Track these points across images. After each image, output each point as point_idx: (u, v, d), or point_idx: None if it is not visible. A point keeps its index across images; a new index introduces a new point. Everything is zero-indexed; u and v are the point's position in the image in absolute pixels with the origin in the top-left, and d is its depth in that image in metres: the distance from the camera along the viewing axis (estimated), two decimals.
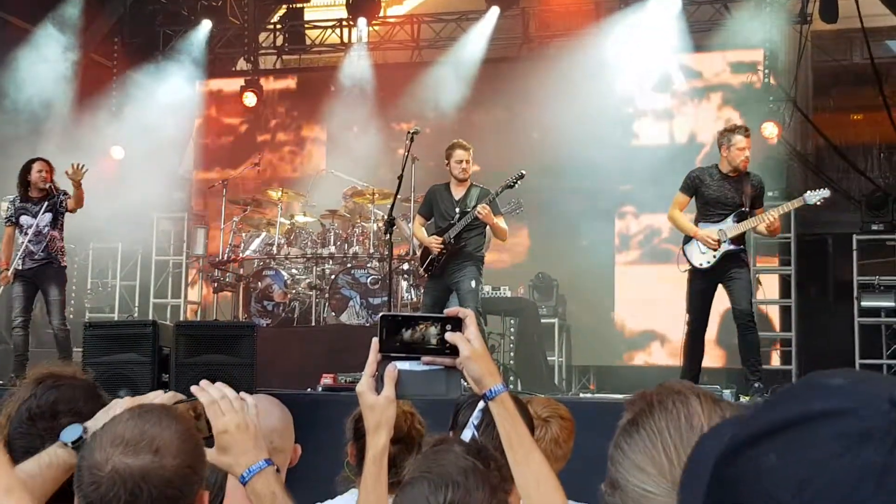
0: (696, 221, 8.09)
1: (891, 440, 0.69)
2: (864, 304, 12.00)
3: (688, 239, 8.01)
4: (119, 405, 2.16)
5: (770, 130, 12.70)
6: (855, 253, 12.41)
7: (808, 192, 8.06)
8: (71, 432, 2.16)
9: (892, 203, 12.85)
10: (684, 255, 8.04)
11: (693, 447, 0.90)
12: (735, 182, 7.93)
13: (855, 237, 12.50)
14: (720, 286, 8.01)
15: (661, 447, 1.38)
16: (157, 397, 2.23)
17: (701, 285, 8.02)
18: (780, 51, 13.65)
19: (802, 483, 0.71)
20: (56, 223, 9.44)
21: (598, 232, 13.87)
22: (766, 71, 12.99)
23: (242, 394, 2.22)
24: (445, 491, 1.98)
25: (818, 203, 8.01)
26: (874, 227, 12.52)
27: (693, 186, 8.01)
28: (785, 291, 13.10)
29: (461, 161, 8.52)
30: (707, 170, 8.11)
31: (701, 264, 7.91)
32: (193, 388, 2.20)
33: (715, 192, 7.91)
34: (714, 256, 7.87)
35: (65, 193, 9.42)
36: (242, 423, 2.14)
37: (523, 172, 8.80)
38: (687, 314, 8.19)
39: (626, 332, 13.87)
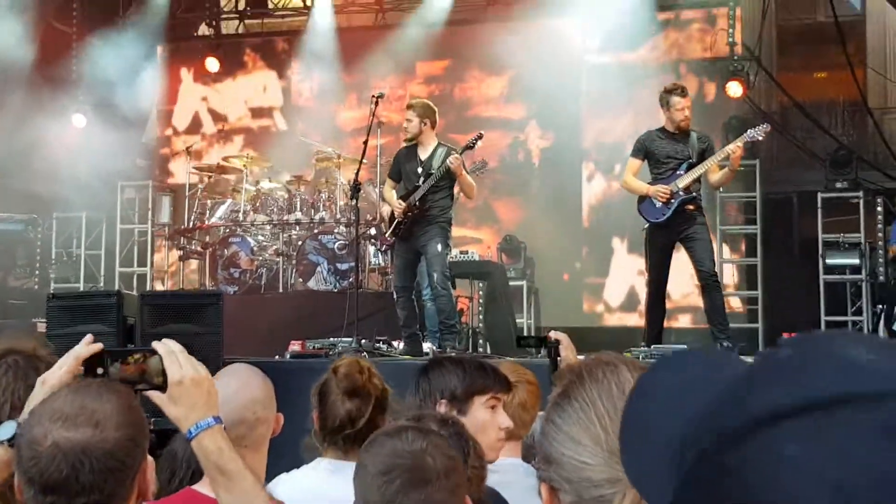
0: (651, 183, 8.14)
1: None
2: (828, 261, 12.09)
3: (642, 198, 8.06)
4: (38, 391, 2.13)
5: (735, 89, 12.72)
6: (819, 211, 12.48)
7: (749, 129, 8.15)
8: (5, 430, 2.08)
9: (855, 161, 12.93)
10: (640, 213, 8.12)
11: (630, 407, 0.80)
12: (682, 137, 8.05)
13: (819, 195, 12.58)
14: (682, 248, 8.07)
15: (594, 417, 1.36)
16: (65, 364, 2.18)
17: (660, 241, 8.09)
18: (745, 9, 13.65)
19: (839, 484, 0.61)
20: None
21: (567, 192, 13.91)
22: (731, 30, 12.98)
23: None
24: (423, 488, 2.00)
25: (760, 137, 8.08)
26: (838, 185, 12.59)
27: (643, 149, 8.11)
28: (751, 250, 13.18)
29: (409, 120, 8.45)
30: (654, 132, 8.23)
31: (657, 218, 7.98)
32: (155, 342, 2.19)
33: (665, 148, 8.04)
34: (669, 209, 7.91)
35: None
36: (197, 377, 2.14)
37: (482, 133, 8.81)
38: (647, 273, 8.27)
39: (595, 295, 13.94)
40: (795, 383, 0.66)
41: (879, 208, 12.32)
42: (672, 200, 7.89)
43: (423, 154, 8.44)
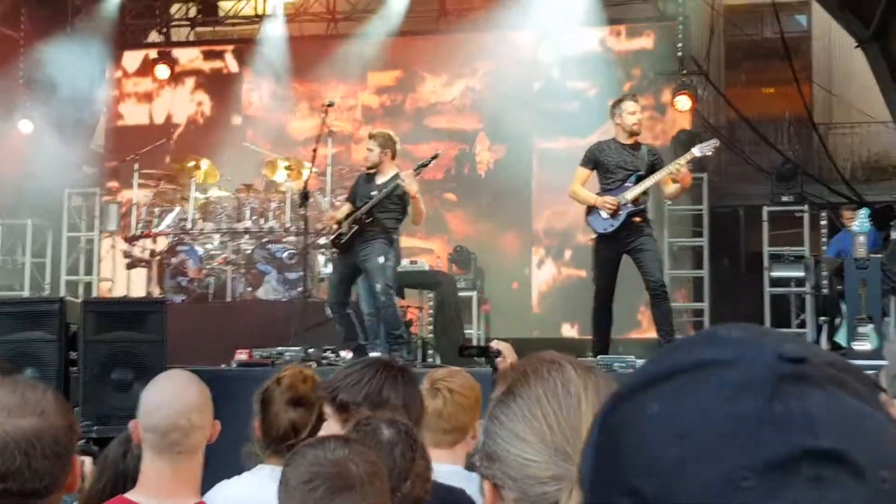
0: (599, 193, 8.13)
1: (768, 391, 0.68)
2: (773, 274, 12.24)
3: (589, 209, 8.06)
4: None
5: (683, 103, 12.86)
6: (765, 224, 12.64)
7: (696, 145, 8.20)
8: None
9: (801, 175, 13.12)
10: (588, 224, 8.11)
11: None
12: (632, 149, 8.03)
13: (765, 209, 12.74)
14: (630, 259, 8.08)
15: (539, 414, 1.36)
16: None
17: (607, 254, 8.06)
18: (693, 24, 13.81)
19: (681, 432, 0.70)
20: None
21: (517, 204, 13.98)
22: (679, 45, 13.12)
23: None
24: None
25: (708, 153, 8.14)
26: (784, 199, 12.76)
27: (593, 159, 8.07)
28: (697, 263, 13.31)
29: (370, 149, 8.47)
30: (605, 142, 8.20)
31: (605, 229, 7.95)
32: None
33: (615, 158, 7.99)
34: (617, 220, 7.93)
35: None
36: None
37: (438, 153, 8.85)
38: (594, 284, 8.25)
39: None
40: (670, 355, 0.76)
41: (824, 222, 12.49)
42: (620, 212, 7.90)
43: (381, 180, 8.43)
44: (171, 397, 2.77)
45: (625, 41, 14.12)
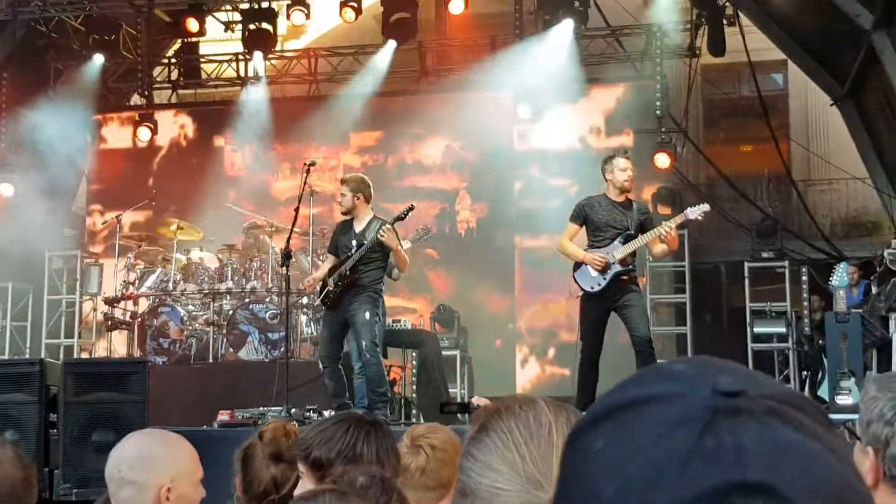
0: (587, 249, 8.11)
1: (700, 426, 0.69)
2: (756, 330, 12.27)
3: (577, 265, 8.04)
4: None
5: (663, 161, 12.96)
6: (747, 280, 12.69)
7: (689, 208, 8.21)
8: None
9: (780, 231, 13.21)
10: (575, 281, 8.06)
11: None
12: (623, 207, 8.01)
13: (746, 265, 12.80)
14: (615, 315, 8.06)
15: (511, 445, 1.37)
16: None
17: (594, 311, 8.03)
18: (672, 83, 13.97)
19: (618, 468, 0.70)
20: None
21: (500, 261, 14.02)
22: (658, 103, 13.26)
23: None
24: None
25: (699, 217, 8.15)
26: (764, 255, 12.83)
27: (582, 214, 8.05)
28: (680, 319, 13.33)
29: (339, 196, 8.49)
30: (595, 198, 8.17)
31: (592, 287, 7.92)
32: None
33: (604, 216, 7.96)
34: (604, 279, 7.93)
35: None
36: None
37: (413, 204, 8.83)
38: (580, 341, 8.19)
39: (527, 363, 13.98)
40: (620, 391, 0.76)
41: (804, 277, 12.55)
42: (608, 271, 7.88)
43: (359, 227, 8.45)
44: (114, 448, 2.73)
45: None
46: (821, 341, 10.49)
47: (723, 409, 0.70)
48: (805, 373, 10.87)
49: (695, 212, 8.05)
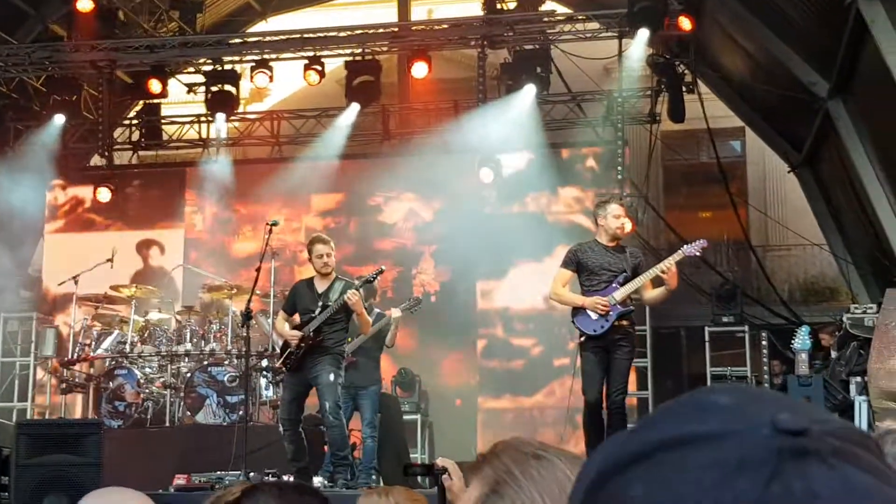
0: (582, 294, 7.95)
1: (767, 472, 0.61)
2: None
3: (576, 311, 7.87)
4: None
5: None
6: (707, 345, 12.73)
7: (686, 245, 8.07)
8: None
9: (740, 296, 13.30)
10: (576, 326, 7.85)
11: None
12: (615, 251, 7.89)
13: (707, 329, 12.84)
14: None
15: None
16: None
17: (596, 355, 7.82)
18: (632, 149, 14.12)
19: None
20: None
21: (461, 326, 13.96)
22: (619, 167, 13.37)
23: None
24: None
25: (697, 253, 8.06)
26: (724, 320, 12.91)
27: (575, 260, 7.88)
28: (642, 384, 13.30)
29: (321, 255, 8.41)
30: (586, 243, 8.05)
31: (595, 331, 7.72)
32: None
33: (598, 260, 7.81)
34: (607, 321, 7.72)
35: None
36: None
37: (383, 268, 8.82)
38: (583, 393, 7.88)
39: (489, 427, 13.86)
40: (655, 427, 0.68)
41: (764, 342, 12.61)
42: (610, 313, 7.73)
43: (321, 287, 8.39)
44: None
45: (565, 166, 14.31)
46: None
47: (788, 451, 0.62)
48: None
49: (692, 248, 7.91)
